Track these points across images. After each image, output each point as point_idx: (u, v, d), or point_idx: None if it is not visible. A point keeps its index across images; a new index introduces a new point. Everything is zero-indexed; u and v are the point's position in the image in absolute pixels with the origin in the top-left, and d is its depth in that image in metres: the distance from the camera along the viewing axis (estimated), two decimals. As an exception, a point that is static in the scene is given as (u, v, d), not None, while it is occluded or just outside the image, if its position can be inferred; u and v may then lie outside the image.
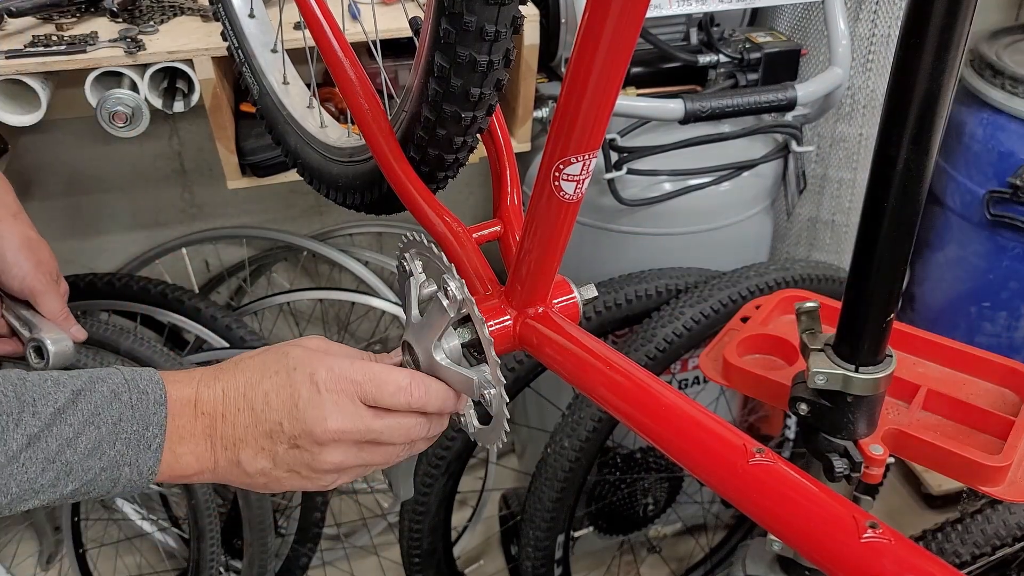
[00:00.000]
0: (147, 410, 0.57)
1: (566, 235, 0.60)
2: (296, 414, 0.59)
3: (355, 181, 0.81)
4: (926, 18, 0.53)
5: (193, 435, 0.58)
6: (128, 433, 0.56)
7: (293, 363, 0.60)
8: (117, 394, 0.56)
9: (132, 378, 0.58)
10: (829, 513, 0.45)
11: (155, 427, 0.57)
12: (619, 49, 0.48)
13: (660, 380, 0.55)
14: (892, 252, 0.64)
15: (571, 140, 0.53)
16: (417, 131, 0.67)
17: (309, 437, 0.59)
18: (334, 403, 0.59)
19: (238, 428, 0.59)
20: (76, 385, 0.56)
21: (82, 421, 0.54)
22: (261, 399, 0.59)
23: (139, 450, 0.56)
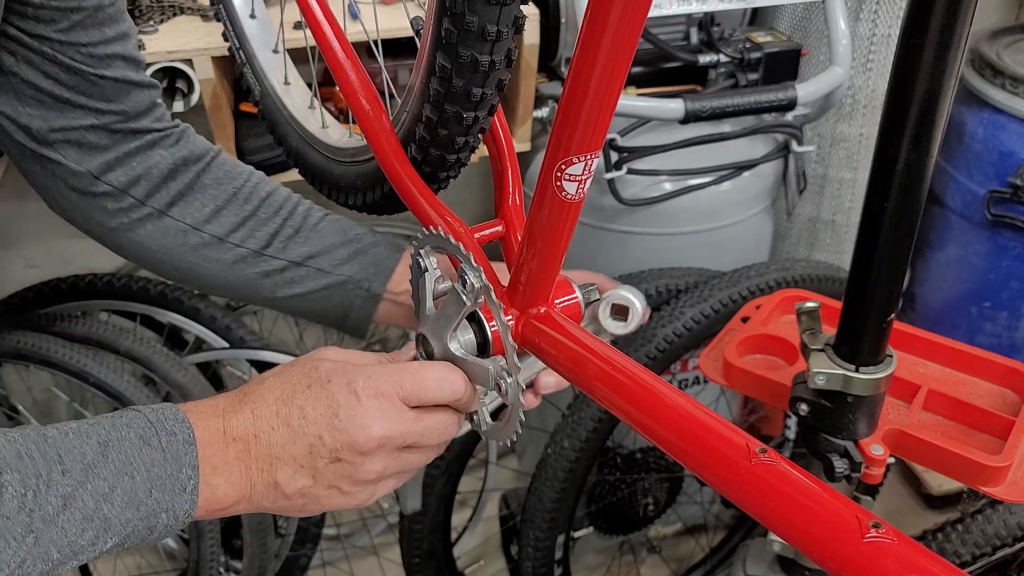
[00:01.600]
0: (178, 451, 0.54)
1: (568, 235, 0.60)
2: (337, 424, 0.57)
3: (356, 181, 0.81)
4: (926, 18, 0.53)
5: (226, 463, 0.56)
6: (163, 479, 0.53)
7: (326, 375, 0.58)
8: (146, 440, 0.54)
9: (157, 420, 0.55)
10: (832, 513, 0.45)
11: (188, 468, 0.54)
12: (621, 49, 0.48)
13: (662, 380, 0.55)
14: (892, 252, 0.64)
15: (573, 140, 0.53)
16: (419, 131, 0.67)
17: (352, 448, 0.57)
18: (376, 407, 0.57)
19: (274, 447, 0.57)
20: (101, 435, 0.53)
21: (115, 473, 0.52)
22: (297, 414, 0.57)
23: (175, 494, 0.54)
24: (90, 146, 0.72)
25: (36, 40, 0.65)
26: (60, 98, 0.69)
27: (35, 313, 1.55)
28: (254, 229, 0.78)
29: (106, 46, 0.69)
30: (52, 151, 0.71)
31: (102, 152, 0.73)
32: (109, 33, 0.69)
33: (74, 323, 1.51)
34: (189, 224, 0.77)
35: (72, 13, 0.65)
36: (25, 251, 1.73)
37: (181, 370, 1.49)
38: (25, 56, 0.66)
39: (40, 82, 0.67)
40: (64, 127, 0.70)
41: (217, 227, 0.78)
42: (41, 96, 0.68)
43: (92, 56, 0.68)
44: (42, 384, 1.77)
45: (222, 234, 0.77)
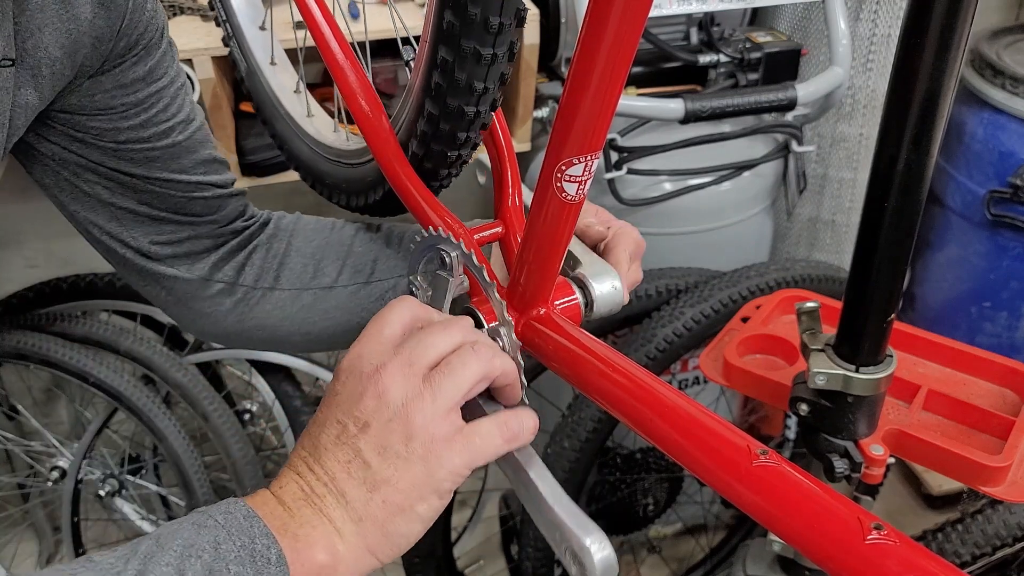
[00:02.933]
0: (240, 524, 0.48)
1: (568, 236, 0.59)
2: (335, 389, 0.52)
3: (356, 184, 0.81)
4: (926, 18, 0.53)
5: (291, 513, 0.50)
6: (235, 553, 0.47)
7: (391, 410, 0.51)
8: (200, 523, 0.48)
9: (205, 507, 0.49)
10: (833, 514, 0.45)
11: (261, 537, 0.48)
12: (621, 50, 0.48)
13: (663, 381, 0.55)
14: (892, 252, 0.64)
15: (573, 141, 0.52)
16: (420, 126, 0.66)
17: (358, 395, 0.51)
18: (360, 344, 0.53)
19: (314, 466, 0.51)
20: (152, 533, 0.48)
21: (178, 557, 0.46)
22: (313, 433, 0.52)
23: (259, 567, 0.47)
24: (196, 254, 0.75)
25: (124, 175, 0.67)
26: (156, 217, 0.71)
27: (35, 313, 1.55)
28: (356, 265, 0.78)
29: (189, 175, 0.70)
30: (165, 266, 0.73)
31: (207, 255, 0.76)
32: (187, 163, 0.70)
33: (74, 323, 1.51)
34: (299, 287, 0.77)
35: (148, 151, 0.67)
36: (25, 251, 1.73)
37: (181, 370, 1.49)
38: (117, 188, 0.68)
39: (136, 207, 0.69)
40: (166, 240, 0.72)
41: (324, 278, 0.77)
42: (139, 218, 0.70)
43: (178, 184, 0.70)
44: (42, 384, 1.77)
45: (329, 283, 0.77)
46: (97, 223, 0.69)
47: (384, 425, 0.51)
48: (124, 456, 1.67)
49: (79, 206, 0.69)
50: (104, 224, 0.70)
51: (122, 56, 0.62)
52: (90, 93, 0.62)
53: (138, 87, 0.64)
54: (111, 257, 0.73)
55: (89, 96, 0.62)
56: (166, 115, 0.66)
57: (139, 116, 0.65)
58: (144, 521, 1.73)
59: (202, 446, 1.59)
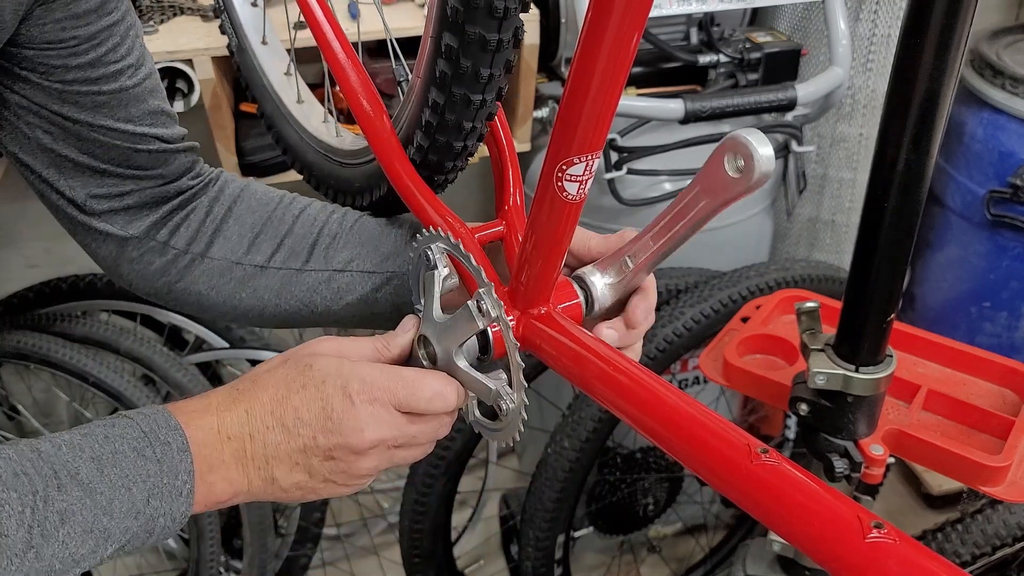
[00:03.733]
0: (173, 459, 0.55)
1: (569, 236, 0.59)
2: (331, 427, 0.58)
3: (357, 183, 0.80)
4: (926, 18, 0.53)
5: (222, 462, 0.57)
6: (160, 488, 0.54)
7: (320, 375, 0.59)
8: (140, 451, 0.54)
9: (150, 430, 0.56)
10: (834, 513, 0.45)
11: (184, 474, 0.55)
12: (622, 50, 0.48)
13: (664, 381, 0.55)
14: (892, 252, 0.64)
15: (574, 141, 0.53)
16: (425, 116, 0.66)
17: (346, 448, 0.58)
18: (370, 413, 0.58)
19: (269, 447, 0.58)
20: (95, 450, 0.54)
21: (112, 487, 0.53)
22: (292, 415, 0.58)
23: (172, 499, 0.55)
24: (134, 209, 0.73)
25: (67, 121, 0.66)
26: (98, 169, 0.69)
27: (35, 313, 1.55)
28: (293, 247, 0.76)
29: (135, 125, 0.69)
30: (99, 221, 0.72)
31: (146, 215, 0.74)
32: (135, 112, 0.68)
33: (74, 323, 1.51)
34: (231, 260, 0.76)
35: (95, 96, 0.65)
36: (25, 251, 1.73)
37: (181, 370, 1.49)
38: (59, 134, 0.66)
39: (77, 157, 0.68)
40: (106, 194, 0.71)
41: (257, 255, 0.76)
42: (80, 168, 0.69)
43: (123, 133, 0.68)
44: (42, 384, 1.77)
45: (263, 261, 0.76)
46: (34, 168, 0.68)
47: (342, 471, 0.59)
48: (124, 456, 1.67)
49: (17, 147, 0.67)
50: (42, 171, 0.68)
51: None
52: (40, 22, 0.60)
53: (90, 19, 0.62)
54: (46, 203, 0.72)
55: (39, 26, 0.60)
56: (116, 55, 0.65)
57: (88, 53, 0.63)
58: (144, 521, 1.73)
59: (202, 446, 1.59)
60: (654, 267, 0.63)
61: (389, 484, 1.94)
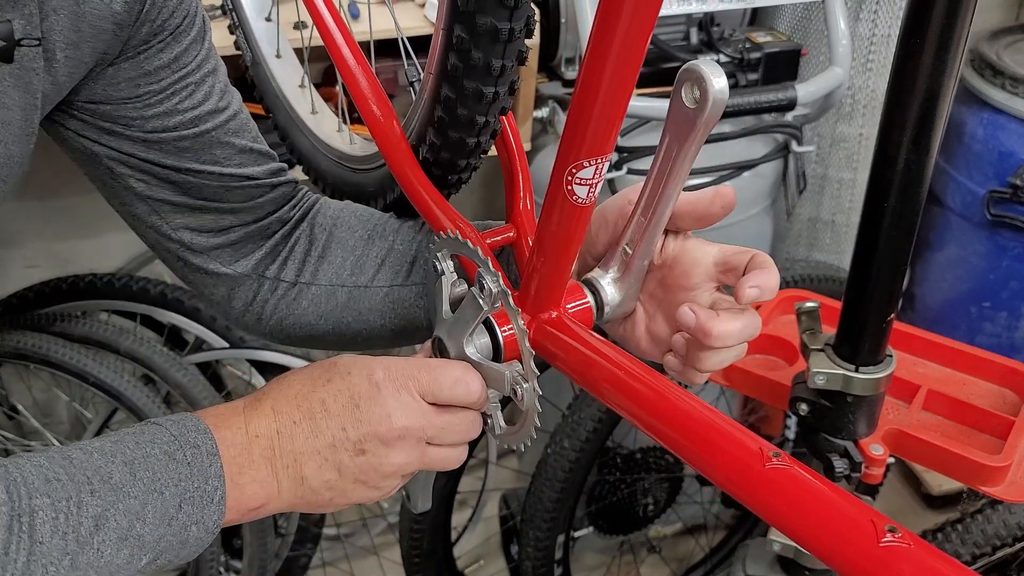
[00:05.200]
0: (203, 463, 0.54)
1: (579, 239, 0.59)
2: (359, 415, 0.57)
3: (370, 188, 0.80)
4: (926, 18, 0.53)
5: (251, 462, 0.56)
6: (190, 492, 0.54)
7: (345, 368, 0.58)
8: (171, 455, 0.54)
9: (180, 433, 0.55)
10: (847, 517, 0.44)
11: (214, 479, 0.55)
12: (631, 52, 0.48)
13: (675, 384, 0.55)
14: (892, 252, 0.64)
15: (584, 144, 0.52)
16: (437, 113, 0.65)
17: (375, 438, 0.57)
18: (396, 399, 0.57)
19: (297, 441, 0.57)
20: (127, 454, 0.53)
21: (145, 491, 0.52)
22: (319, 407, 0.57)
23: (203, 506, 0.54)
24: (239, 245, 0.73)
25: (155, 166, 0.65)
26: (195, 207, 0.69)
27: (35, 313, 1.55)
28: (395, 264, 0.74)
29: (223, 166, 0.68)
30: (208, 260, 0.72)
31: (252, 251, 0.74)
32: (221, 154, 0.68)
33: (74, 323, 1.51)
34: (335, 283, 0.75)
35: (177, 141, 0.65)
36: (25, 251, 1.73)
37: (181, 370, 1.49)
38: (152, 180, 0.66)
39: (172, 197, 0.68)
40: (209, 229, 0.70)
41: (362, 276, 0.75)
42: (178, 208, 0.68)
43: (212, 175, 0.68)
44: (42, 384, 1.77)
45: (367, 281, 0.75)
46: (141, 218, 0.68)
47: (373, 467, 0.58)
48: (124, 456, 1.67)
49: (118, 203, 0.68)
50: (146, 218, 0.68)
51: (146, 42, 0.60)
52: (114, 81, 0.60)
53: (162, 74, 0.62)
54: (160, 254, 0.72)
55: (113, 84, 0.60)
56: (193, 101, 0.64)
57: (163, 104, 0.63)
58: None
59: (202, 446, 1.59)
60: (654, 244, 0.61)
61: (389, 484, 1.94)
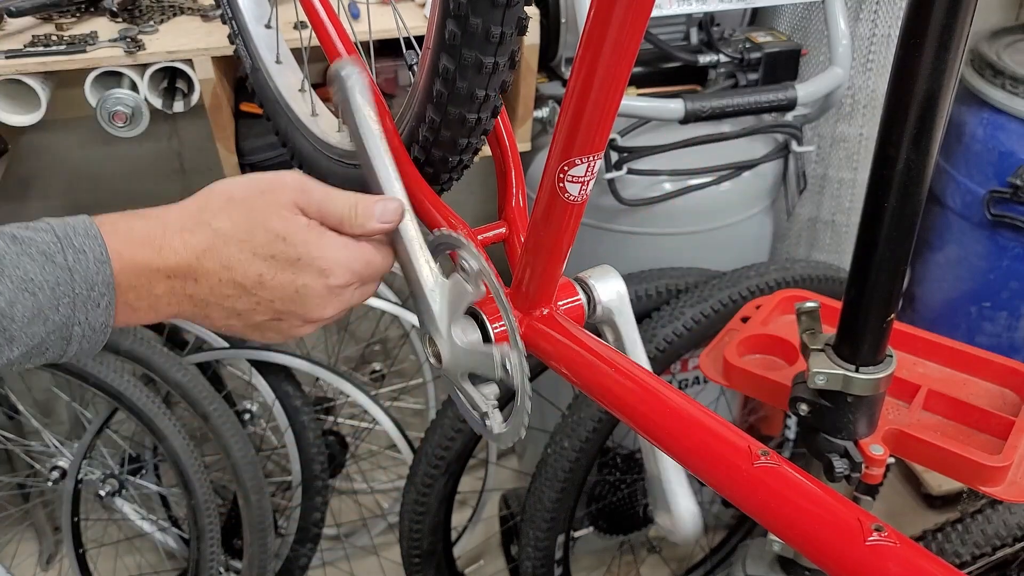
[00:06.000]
0: (88, 270, 0.53)
1: (571, 237, 0.59)
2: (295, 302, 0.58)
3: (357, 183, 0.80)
4: (926, 18, 0.53)
5: (152, 295, 0.55)
6: (70, 296, 0.52)
7: (293, 253, 0.58)
8: (50, 256, 0.52)
9: (64, 235, 0.53)
10: (834, 516, 0.45)
11: (101, 286, 0.53)
12: (624, 50, 0.48)
13: (665, 382, 0.55)
14: (892, 252, 0.64)
15: (576, 142, 0.53)
16: (422, 132, 0.66)
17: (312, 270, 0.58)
18: (338, 296, 0.59)
19: (205, 291, 0.57)
20: (1, 247, 0.51)
21: (13, 289, 0.50)
22: (254, 281, 0.57)
23: (87, 309, 0.53)
24: None
25: None
26: None
27: (35, 313, 1.55)
28: None
29: None
30: None
31: None
32: None
33: (74, 323, 1.51)
34: None
35: None
36: (25, 251, 1.72)
37: (181, 370, 1.49)
38: None
39: None
40: None
41: None
42: None
43: None
44: (42, 384, 1.77)
45: None
46: None
47: (278, 310, 0.59)
48: (124, 456, 1.67)
49: None
50: None
51: None
52: None
53: None
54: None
55: None
56: None
57: None
58: (144, 521, 1.73)
59: (202, 446, 1.59)
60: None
61: (389, 484, 1.94)
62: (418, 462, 1.40)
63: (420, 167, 0.70)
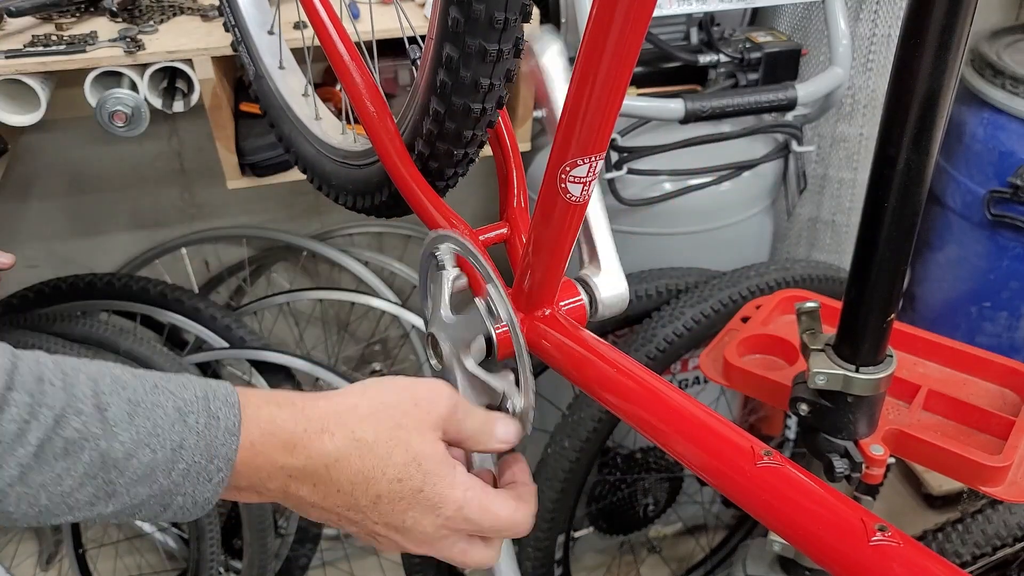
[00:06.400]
0: (216, 439, 0.48)
1: (572, 237, 0.59)
2: (397, 529, 0.54)
3: (362, 184, 0.80)
4: (926, 18, 0.53)
5: (265, 489, 0.51)
6: (187, 463, 0.47)
7: (420, 483, 0.53)
8: (184, 415, 0.47)
9: (203, 395, 0.49)
10: (837, 516, 0.45)
11: (220, 460, 0.48)
12: (625, 51, 0.48)
13: (667, 382, 0.55)
14: (892, 252, 0.64)
15: (578, 142, 0.52)
16: (426, 125, 0.66)
17: (396, 532, 0.55)
18: (443, 539, 0.56)
19: (317, 497, 0.52)
20: (136, 393, 0.47)
21: (135, 440, 0.46)
22: (371, 499, 0.53)
23: (197, 483, 0.48)
24: None
25: None
26: None
27: (35, 313, 1.55)
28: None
29: None
30: None
31: None
32: None
33: (74, 323, 1.51)
34: None
35: None
36: (25, 251, 1.73)
37: (181, 370, 1.49)
38: None
39: None
40: None
41: None
42: None
43: None
44: (42, 384, 1.77)
45: None
46: None
47: (376, 532, 0.55)
48: (124, 456, 1.67)
49: None
50: None
51: None
52: None
53: None
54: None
55: None
56: None
57: None
58: (144, 521, 1.73)
59: (202, 446, 1.59)
60: None
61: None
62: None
63: (424, 162, 0.70)
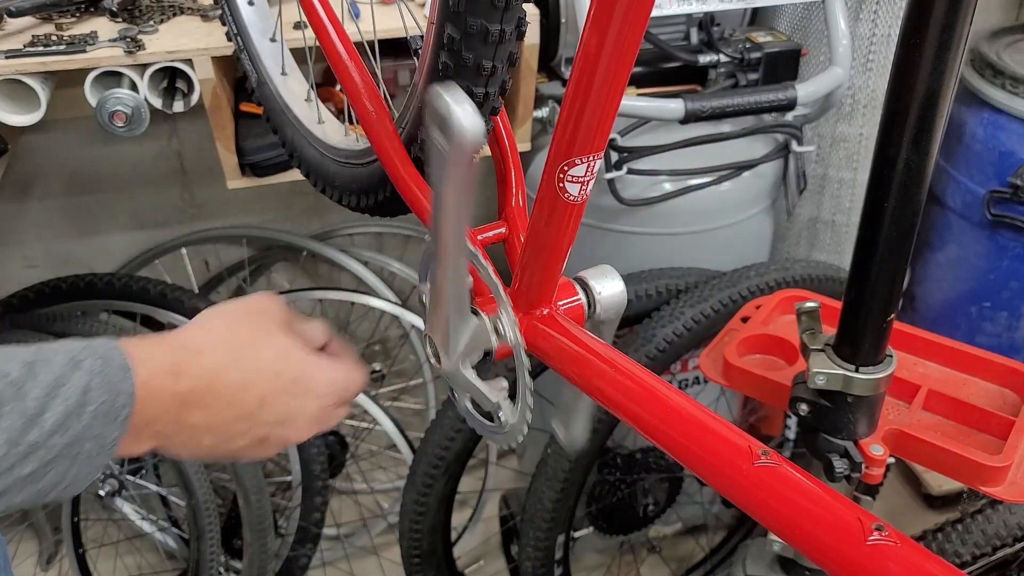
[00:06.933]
0: (113, 377, 0.49)
1: (571, 237, 0.59)
2: (284, 422, 0.57)
3: (364, 182, 0.80)
4: (926, 18, 0.53)
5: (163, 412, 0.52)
6: (96, 404, 0.48)
7: (295, 372, 0.57)
8: (77, 361, 0.48)
9: (87, 344, 0.50)
10: (834, 516, 0.45)
11: (124, 396, 0.49)
12: (624, 50, 0.48)
13: (665, 382, 0.55)
14: (892, 252, 0.64)
15: (576, 142, 0.53)
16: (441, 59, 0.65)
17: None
18: (326, 414, 0.60)
19: (209, 418, 0.54)
20: (25, 356, 0.47)
21: (45, 393, 0.46)
22: (256, 401, 0.56)
23: (105, 423, 0.48)
24: None
25: None
26: None
27: (35, 313, 1.55)
28: None
29: None
30: None
31: None
32: None
33: (74, 323, 1.51)
34: None
35: None
36: (25, 251, 1.73)
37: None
38: None
39: None
40: None
41: None
42: None
43: None
44: (42, 384, 1.77)
45: None
46: None
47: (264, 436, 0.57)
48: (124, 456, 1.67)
49: None
50: None
51: None
52: None
53: None
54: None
55: None
56: None
57: None
58: (144, 521, 1.73)
59: (202, 446, 1.59)
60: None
61: (389, 484, 1.94)
62: (418, 462, 1.40)
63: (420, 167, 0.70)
